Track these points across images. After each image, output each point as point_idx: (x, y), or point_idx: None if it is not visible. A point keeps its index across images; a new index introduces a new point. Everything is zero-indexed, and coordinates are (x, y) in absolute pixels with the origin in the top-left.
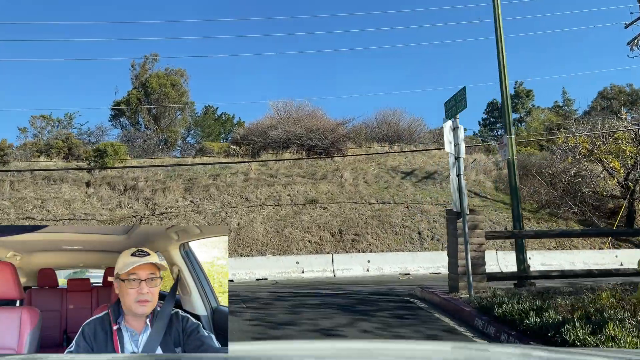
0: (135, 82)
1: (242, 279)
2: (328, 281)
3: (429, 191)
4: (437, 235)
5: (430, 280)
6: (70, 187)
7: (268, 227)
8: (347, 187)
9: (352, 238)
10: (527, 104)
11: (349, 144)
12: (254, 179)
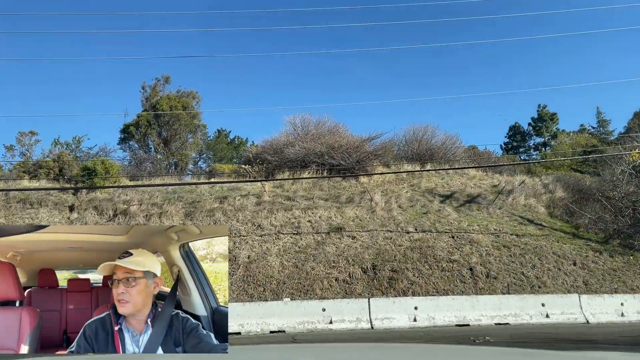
0: (145, 104)
1: (251, 330)
2: (368, 337)
3: (475, 217)
4: (493, 271)
5: (506, 338)
6: (50, 211)
7: (285, 260)
8: (379, 212)
9: (389, 275)
10: (551, 127)
11: (375, 163)
12: (268, 202)
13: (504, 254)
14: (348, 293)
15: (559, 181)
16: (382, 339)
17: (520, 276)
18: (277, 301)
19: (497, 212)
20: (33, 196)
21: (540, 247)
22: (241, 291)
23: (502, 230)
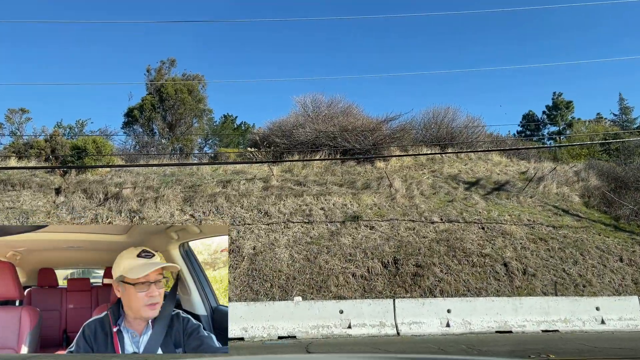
0: (150, 87)
1: (256, 336)
2: (393, 345)
3: (505, 206)
4: (531, 268)
5: (574, 355)
6: (34, 194)
7: (295, 252)
8: (400, 200)
9: (413, 271)
10: (566, 115)
11: (392, 147)
12: (276, 187)
13: (541, 247)
14: (367, 291)
15: (592, 168)
16: (414, 349)
17: (561, 273)
18: (286, 301)
19: (529, 201)
20: (15, 177)
21: (581, 241)
22: (245, 287)
23: (537, 221)
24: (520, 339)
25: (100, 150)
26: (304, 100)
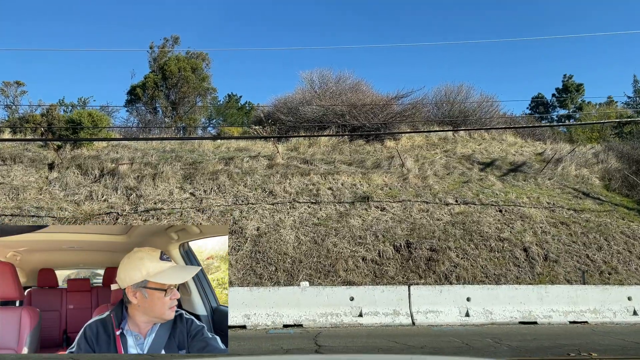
0: (153, 65)
1: (260, 323)
2: (409, 335)
3: (523, 188)
4: (552, 253)
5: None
6: (25, 169)
7: (301, 234)
8: (412, 180)
9: (427, 255)
10: (576, 98)
11: (403, 126)
12: (282, 166)
13: (563, 232)
14: (378, 276)
15: (611, 150)
16: (435, 343)
17: (585, 260)
18: (292, 287)
19: (547, 183)
20: (6, 151)
21: (605, 225)
22: (248, 270)
23: (557, 204)
24: (549, 332)
25: (96, 124)
26: (311, 75)
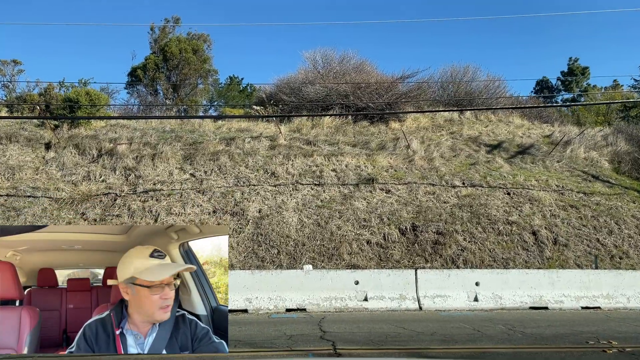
0: (154, 46)
1: (262, 307)
2: (416, 320)
3: (531, 171)
4: (562, 237)
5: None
6: (21, 148)
7: (305, 217)
8: (418, 162)
9: (434, 239)
10: (582, 82)
11: (408, 107)
12: (284, 147)
13: (573, 215)
14: (383, 259)
15: (620, 132)
16: (445, 330)
17: (595, 244)
18: (295, 270)
19: (556, 166)
20: (2, 130)
21: (616, 209)
22: (250, 253)
23: (566, 187)
24: (563, 318)
25: (94, 102)
26: (314, 55)
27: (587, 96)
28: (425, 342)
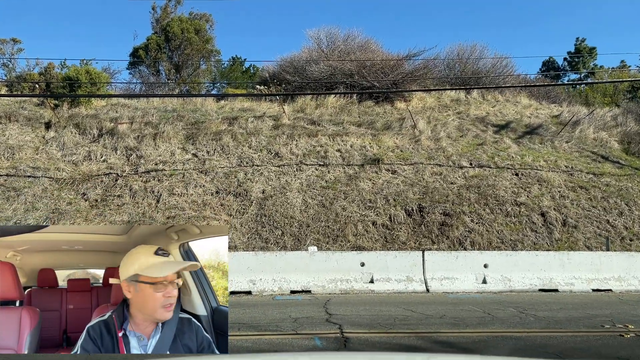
0: (155, 26)
1: (266, 289)
2: (423, 303)
3: (539, 152)
4: (571, 218)
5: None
6: (21, 128)
7: (309, 197)
8: (425, 142)
9: (440, 220)
10: (588, 62)
11: (414, 86)
12: (288, 126)
13: (582, 196)
14: (389, 241)
15: (630, 113)
16: (454, 313)
17: (605, 225)
18: (300, 251)
19: (565, 147)
20: (1, 109)
21: (626, 190)
22: (253, 234)
23: (575, 167)
24: (574, 301)
25: (94, 81)
26: (318, 34)
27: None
28: (435, 326)
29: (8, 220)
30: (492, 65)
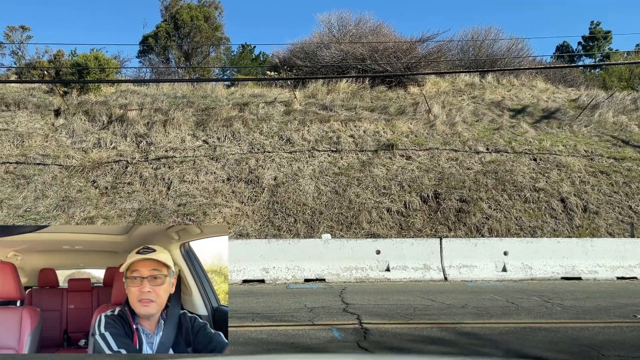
0: (164, 14)
1: (279, 277)
2: (442, 291)
3: (558, 136)
4: (592, 204)
5: None
6: (30, 115)
7: (322, 184)
8: (440, 127)
9: (457, 206)
10: (603, 46)
11: (427, 70)
12: (300, 112)
13: (603, 182)
14: (404, 228)
15: None
16: (475, 302)
17: (627, 211)
18: (314, 239)
19: (584, 131)
20: (10, 96)
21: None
22: (265, 221)
23: (595, 152)
24: (599, 289)
25: (103, 67)
26: (329, 18)
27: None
28: (458, 316)
29: (18, 208)
30: (507, 48)
